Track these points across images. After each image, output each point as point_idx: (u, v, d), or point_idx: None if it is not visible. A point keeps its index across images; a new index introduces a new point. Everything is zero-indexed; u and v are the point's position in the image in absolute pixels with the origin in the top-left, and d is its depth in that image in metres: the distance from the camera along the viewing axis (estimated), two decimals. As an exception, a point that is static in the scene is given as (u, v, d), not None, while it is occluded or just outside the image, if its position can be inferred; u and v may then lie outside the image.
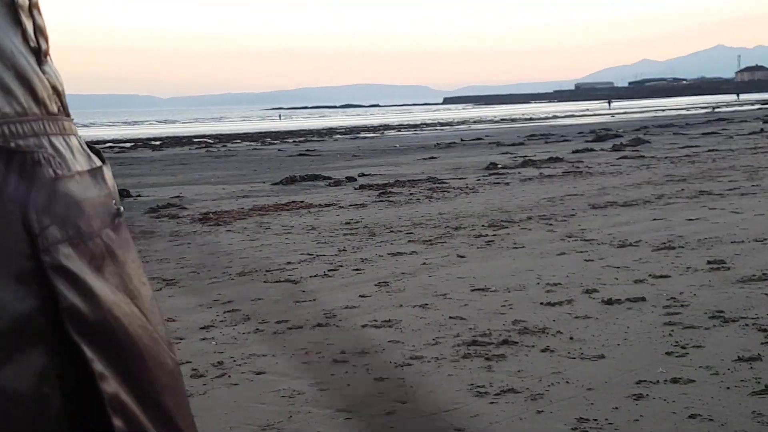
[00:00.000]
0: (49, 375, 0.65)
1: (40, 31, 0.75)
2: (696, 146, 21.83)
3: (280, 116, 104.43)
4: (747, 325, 5.44)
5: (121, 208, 0.78)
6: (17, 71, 0.69)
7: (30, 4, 0.74)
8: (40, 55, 0.74)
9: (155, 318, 0.78)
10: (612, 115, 58.62)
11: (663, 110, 62.32)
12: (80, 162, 0.75)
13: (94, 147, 0.82)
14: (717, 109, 55.37)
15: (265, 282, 7.51)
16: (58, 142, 0.72)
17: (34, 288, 0.65)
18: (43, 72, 0.73)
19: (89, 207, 0.72)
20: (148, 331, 0.76)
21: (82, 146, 0.78)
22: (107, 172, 0.78)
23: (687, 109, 63.04)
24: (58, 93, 0.75)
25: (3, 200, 0.63)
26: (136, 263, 0.78)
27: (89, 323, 0.68)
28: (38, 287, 0.65)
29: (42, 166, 0.67)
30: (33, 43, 0.73)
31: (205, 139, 40.95)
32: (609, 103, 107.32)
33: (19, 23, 0.71)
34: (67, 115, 0.77)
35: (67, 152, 0.73)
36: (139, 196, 15.47)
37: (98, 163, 0.79)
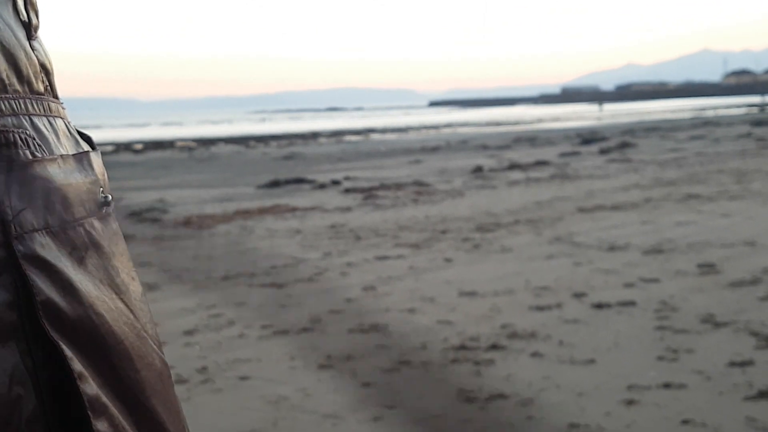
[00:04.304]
0: (22, 375, 0.59)
1: (31, 4, 0.70)
2: (683, 149, 21.86)
3: (264, 119, 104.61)
4: (739, 329, 5.38)
5: (110, 197, 0.72)
6: (1, 45, 0.63)
7: None
8: (30, 29, 0.69)
9: (144, 315, 0.73)
10: (598, 118, 58.75)
11: (649, 113, 62.53)
12: (65, 146, 0.69)
13: (84, 133, 0.76)
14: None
15: (249, 286, 7.41)
16: (41, 123, 0.66)
17: (5, 279, 0.59)
18: (32, 48, 0.68)
19: (72, 193, 0.66)
20: (135, 329, 0.70)
21: (69, 130, 0.72)
22: (96, 158, 0.73)
23: (673, 112, 63.25)
24: (46, 71, 0.70)
25: None
26: (125, 256, 0.73)
27: (68, 319, 0.62)
28: (10, 278, 0.59)
29: (18, 147, 0.62)
30: (23, 17, 0.68)
31: (188, 143, 40.75)
32: (600, 105, 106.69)
33: None
34: (56, 96, 0.72)
35: (50, 134, 0.67)
36: (120, 199, 15.32)
37: (87, 148, 0.73)
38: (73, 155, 0.69)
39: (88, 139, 0.76)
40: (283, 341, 5.67)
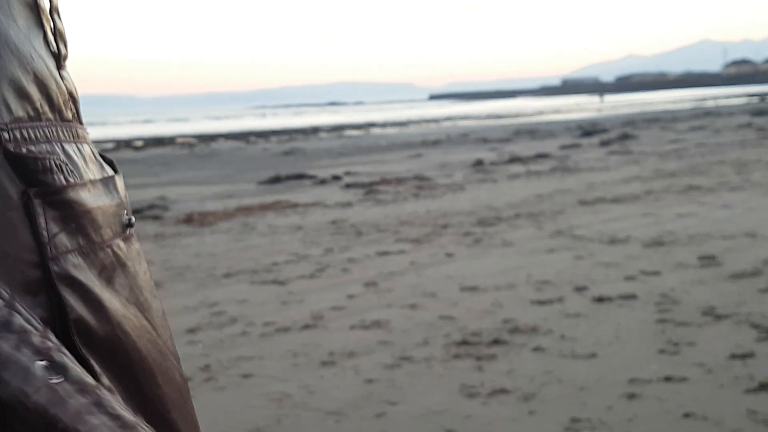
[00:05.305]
0: None
1: (60, 35, 0.73)
2: (684, 140, 21.86)
3: (264, 114, 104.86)
4: (740, 321, 5.40)
5: (133, 219, 0.77)
6: (35, 75, 0.67)
7: (51, 7, 0.73)
8: (59, 59, 0.72)
9: (165, 332, 0.77)
10: (599, 110, 58.71)
11: (650, 104, 62.49)
12: (92, 170, 0.73)
13: (106, 156, 0.80)
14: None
15: (251, 283, 7.42)
16: (71, 149, 0.70)
17: (41, 298, 0.62)
18: (62, 77, 0.72)
19: (100, 216, 0.70)
20: (157, 345, 0.75)
21: (94, 154, 0.76)
22: (119, 181, 0.77)
23: (674, 103, 63.23)
24: (74, 99, 0.74)
25: (11, 207, 0.61)
26: (147, 275, 0.77)
27: (97, 336, 0.66)
28: (46, 297, 0.63)
29: (53, 173, 0.66)
30: (53, 48, 0.72)
31: (189, 139, 40.74)
32: (601, 97, 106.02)
33: (40, 26, 0.70)
34: (81, 122, 0.75)
35: (79, 160, 0.71)
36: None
37: (110, 172, 0.78)
38: (101, 180, 0.73)
39: (110, 163, 0.80)
40: (285, 338, 5.68)
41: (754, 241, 7.90)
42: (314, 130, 46.37)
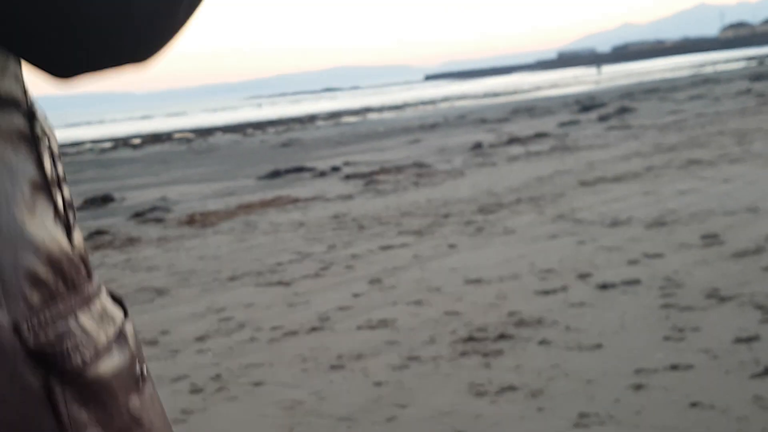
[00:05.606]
0: None
1: (70, 206, 0.74)
2: (683, 111, 21.81)
3: (260, 104, 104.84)
4: (744, 302, 5.42)
5: (145, 368, 0.77)
6: (50, 259, 0.68)
7: (59, 179, 0.73)
8: (69, 227, 0.73)
9: None
10: (597, 82, 58.55)
11: (648, 74, 62.28)
12: (105, 330, 0.73)
13: (116, 296, 0.80)
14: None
15: (256, 286, 7.45)
16: (84, 317, 0.71)
17: None
18: (72, 242, 0.72)
19: (116, 383, 0.71)
20: None
21: (104, 306, 0.75)
22: (129, 327, 0.77)
23: (672, 71, 63.00)
24: (83, 258, 0.74)
25: (34, 400, 0.63)
26: (162, 415, 0.78)
27: None
28: None
29: (71, 356, 0.67)
30: (63, 219, 0.72)
31: (186, 134, 40.71)
32: (599, 68, 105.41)
33: (51, 202, 0.71)
34: (90, 275, 0.75)
35: (92, 326, 0.71)
36: (123, 199, 15.36)
37: (120, 318, 0.77)
38: (114, 340, 0.73)
39: (120, 302, 0.80)
40: (293, 342, 5.72)
41: (756, 217, 7.91)
42: (311, 119, 46.30)
